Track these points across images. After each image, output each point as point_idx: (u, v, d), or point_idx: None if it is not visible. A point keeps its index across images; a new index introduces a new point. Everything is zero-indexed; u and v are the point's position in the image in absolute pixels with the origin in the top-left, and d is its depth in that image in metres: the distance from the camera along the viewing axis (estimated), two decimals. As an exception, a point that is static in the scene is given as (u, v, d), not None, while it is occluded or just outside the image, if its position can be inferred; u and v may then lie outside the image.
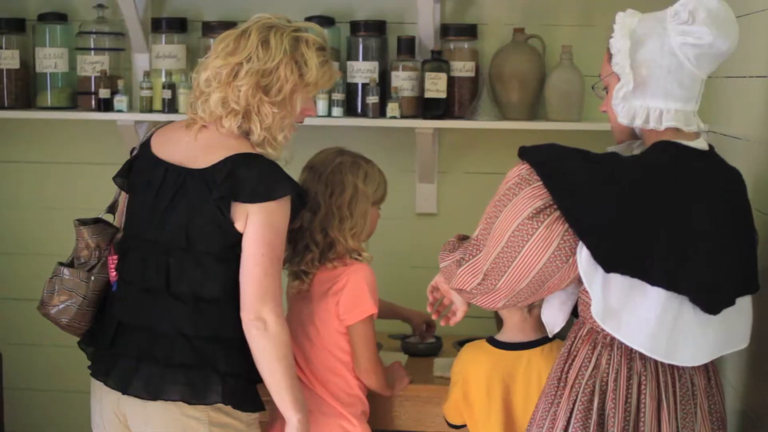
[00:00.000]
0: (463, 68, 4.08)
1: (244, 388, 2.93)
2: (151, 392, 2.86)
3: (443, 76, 4.01)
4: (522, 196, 2.47)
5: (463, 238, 2.77)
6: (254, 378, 2.93)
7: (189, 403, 2.85)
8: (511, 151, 4.16)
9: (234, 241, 2.86)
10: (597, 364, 2.50)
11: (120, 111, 4.12)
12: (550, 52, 4.09)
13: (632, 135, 2.64)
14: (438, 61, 4.03)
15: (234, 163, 2.85)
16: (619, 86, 2.57)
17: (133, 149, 3.11)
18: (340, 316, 3.24)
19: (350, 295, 3.23)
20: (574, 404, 2.50)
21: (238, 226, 2.85)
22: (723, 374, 2.99)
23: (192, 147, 2.93)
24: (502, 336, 3.14)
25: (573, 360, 2.57)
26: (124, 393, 2.89)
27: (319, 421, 3.24)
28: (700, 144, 2.56)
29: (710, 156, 2.57)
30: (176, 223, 2.88)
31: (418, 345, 3.85)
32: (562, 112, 4.00)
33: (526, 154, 2.54)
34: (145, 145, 3.02)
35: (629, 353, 2.49)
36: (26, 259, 4.46)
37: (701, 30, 2.46)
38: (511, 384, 3.05)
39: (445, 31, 4.12)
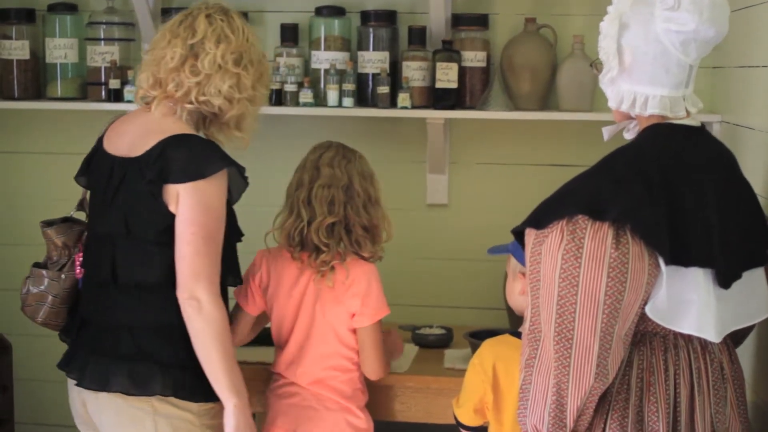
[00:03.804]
0: (474, 58, 4.06)
1: (192, 379, 2.92)
2: (99, 384, 2.92)
3: (454, 66, 3.99)
4: (589, 243, 2.34)
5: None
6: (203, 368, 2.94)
7: (129, 394, 2.89)
8: (523, 142, 4.20)
9: (170, 223, 2.87)
10: (629, 362, 2.47)
11: (130, 101, 4.10)
12: (562, 42, 4.07)
13: (629, 116, 2.62)
14: (449, 51, 4.01)
15: (165, 146, 2.88)
16: (605, 71, 2.56)
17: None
18: (357, 316, 3.24)
19: (371, 299, 3.24)
20: (609, 405, 2.47)
21: (172, 208, 2.87)
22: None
23: (134, 137, 2.95)
24: (525, 327, 3.07)
25: None
26: (78, 385, 2.98)
27: (325, 417, 3.25)
28: (691, 121, 2.54)
29: (703, 132, 2.55)
30: (117, 213, 2.92)
31: (429, 336, 3.84)
32: (574, 102, 3.97)
33: (543, 220, 2.41)
34: (100, 140, 3.07)
35: (663, 345, 2.47)
36: (35, 250, 4.42)
37: (684, 16, 2.43)
38: None
39: (456, 20, 4.10)
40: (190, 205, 2.85)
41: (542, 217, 2.44)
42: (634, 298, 2.37)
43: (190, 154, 2.87)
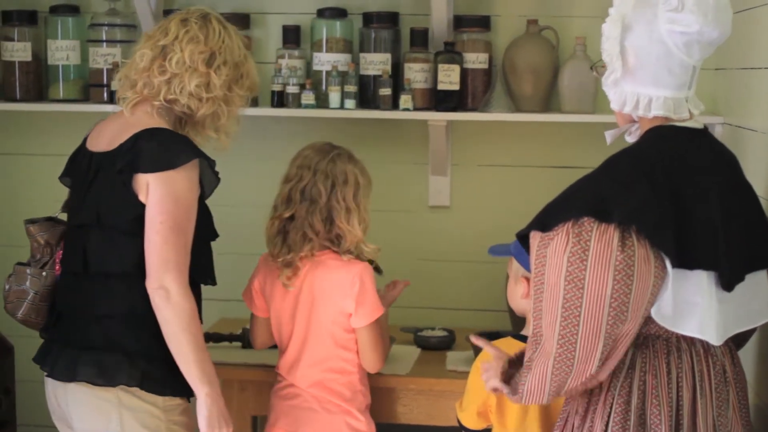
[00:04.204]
0: (476, 60, 4.06)
1: (160, 371, 2.94)
2: (67, 375, 2.94)
3: (456, 68, 3.99)
4: (595, 245, 2.34)
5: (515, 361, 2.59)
6: (174, 361, 2.93)
7: (95, 384, 2.91)
8: (525, 144, 4.20)
9: (140, 213, 2.90)
10: (632, 364, 2.47)
11: (132, 103, 4.12)
12: (564, 44, 4.07)
13: (632, 119, 2.62)
14: (451, 52, 4.01)
15: (137, 138, 2.92)
16: (608, 73, 2.55)
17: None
18: (353, 317, 3.24)
19: (366, 300, 3.23)
20: (611, 408, 2.47)
21: (142, 197, 2.90)
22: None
23: (112, 134, 2.99)
24: (529, 331, 3.06)
25: None
26: (48, 376, 3.01)
27: (324, 419, 3.25)
28: (694, 123, 2.53)
29: (706, 134, 2.55)
30: (90, 204, 2.96)
31: (431, 338, 3.84)
32: (576, 104, 3.97)
33: (548, 223, 2.42)
34: (84, 141, 3.12)
35: (666, 348, 2.47)
36: (38, 251, 4.45)
37: (689, 18, 2.42)
38: None
39: (458, 22, 4.10)
40: (159, 194, 2.88)
41: (547, 219, 2.43)
42: (641, 301, 2.36)
43: (161, 145, 2.91)
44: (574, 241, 2.36)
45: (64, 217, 3.19)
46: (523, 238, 2.53)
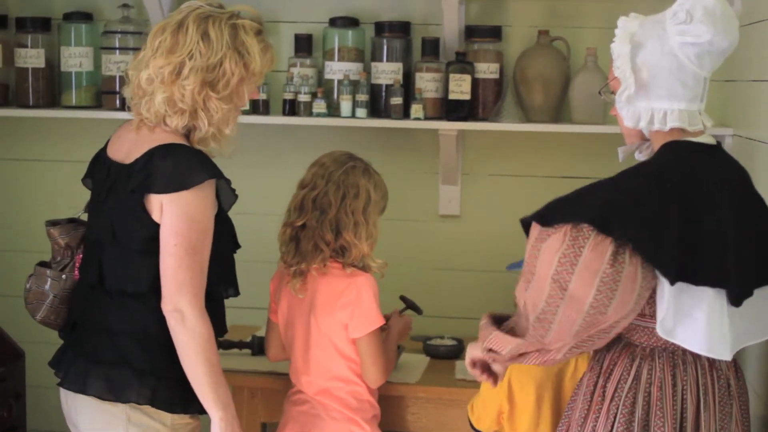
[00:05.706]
0: (487, 70, 4.07)
1: (170, 389, 2.91)
2: (78, 386, 2.93)
3: (467, 78, 4.00)
4: (588, 254, 2.38)
5: (499, 319, 2.64)
6: (185, 378, 2.90)
7: (103, 398, 2.89)
8: (535, 154, 4.21)
9: (155, 232, 2.85)
10: (637, 376, 2.49)
11: (144, 110, 4.13)
12: (575, 55, 4.08)
13: (642, 137, 2.64)
14: (462, 62, 4.02)
15: (151, 155, 2.86)
16: (621, 90, 2.57)
17: None
18: (349, 328, 3.25)
19: (362, 310, 3.23)
20: (614, 418, 2.49)
21: (155, 217, 2.85)
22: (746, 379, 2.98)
23: (131, 144, 2.94)
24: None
25: (610, 374, 2.54)
26: (59, 385, 3.00)
27: (329, 427, 3.26)
28: (707, 139, 2.55)
29: (718, 150, 2.56)
30: (105, 219, 2.92)
31: (440, 347, 3.84)
32: (587, 115, 3.98)
33: (550, 219, 2.45)
34: (105, 144, 3.09)
35: (672, 361, 2.48)
36: (47, 257, 4.46)
37: (699, 28, 2.44)
38: (560, 390, 3.00)
39: (470, 32, 4.11)
40: (173, 215, 2.82)
41: (551, 215, 2.46)
42: (619, 312, 2.39)
43: (175, 165, 2.84)
44: (569, 244, 2.39)
45: (86, 217, 3.15)
46: (527, 225, 2.55)
